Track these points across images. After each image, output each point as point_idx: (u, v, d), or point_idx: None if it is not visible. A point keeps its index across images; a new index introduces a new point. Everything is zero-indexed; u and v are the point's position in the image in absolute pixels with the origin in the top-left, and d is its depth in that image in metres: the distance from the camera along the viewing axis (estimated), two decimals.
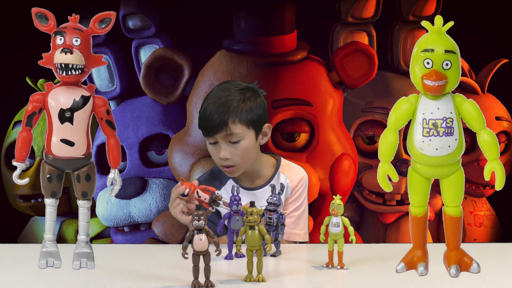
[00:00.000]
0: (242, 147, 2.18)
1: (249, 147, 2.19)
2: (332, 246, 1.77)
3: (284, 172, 2.28)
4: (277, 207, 1.90)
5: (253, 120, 2.19)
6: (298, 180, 2.27)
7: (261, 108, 2.22)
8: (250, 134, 2.19)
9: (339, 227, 1.76)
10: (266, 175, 2.28)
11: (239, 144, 2.18)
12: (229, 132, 2.16)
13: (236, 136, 2.17)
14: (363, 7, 3.27)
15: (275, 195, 1.91)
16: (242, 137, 2.18)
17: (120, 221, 3.15)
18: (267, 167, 2.29)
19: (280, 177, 2.27)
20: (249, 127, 2.18)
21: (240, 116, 2.16)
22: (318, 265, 1.81)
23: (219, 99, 2.18)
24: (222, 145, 2.18)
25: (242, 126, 2.17)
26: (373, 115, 3.31)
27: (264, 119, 2.24)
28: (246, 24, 3.04)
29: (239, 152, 2.18)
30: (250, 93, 2.21)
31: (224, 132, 2.16)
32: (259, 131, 2.22)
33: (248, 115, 2.17)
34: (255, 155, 2.24)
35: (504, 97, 3.47)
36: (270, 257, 1.92)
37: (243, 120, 2.17)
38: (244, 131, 2.18)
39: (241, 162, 2.19)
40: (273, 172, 2.28)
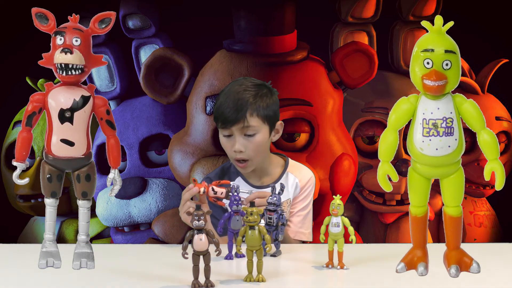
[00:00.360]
0: (256, 141, 2.21)
1: (263, 142, 2.22)
2: (332, 246, 1.77)
3: (293, 172, 2.30)
4: (277, 207, 1.90)
5: (269, 116, 2.22)
6: (307, 180, 2.30)
7: (276, 105, 2.26)
8: (265, 129, 2.22)
9: (339, 227, 1.76)
10: (274, 174, 2.30)
11: (254, 137, 2.21)
12: (246, 125, 2.19)
13: (252, 129, 2.20)
14: (363, 7, 3.27)
15: (275, 195, 1.91)
16: (258, 131, 2.21)
17: (120, 221, 3.15)
18: (275, 166, 2.32)
19: (289, 177, 2.29)
20: (264, 122, 2.21)
21: (257, 110, 2.19)
22: (318, 265, 1.81)
23: (237, 93, 2.21)
24: (237, 138, 2.20)
25: (258, 120, 2.20)
26: (373, 115, 3.31)
27: (278, 116, 2.27)
28: (246, 24, 3.04)
29: (253, 146, 2.20)
30: (266, 89, 2.25)
31: (241, 124, 2.19)
32: (273, 127, 2.25)
33: (265, 110, 2.21)
34: (267, 151, 2.27)
35: (504, 97, 3.47)
36: (270, 257, 1.92)
37: (260, 114, 2.20)
38: (260, 125, 2.21)
39: (254, 156, 2.22)
40: (281, 172, 2.30)
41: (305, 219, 2.28)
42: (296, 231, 2.25)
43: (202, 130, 2.99)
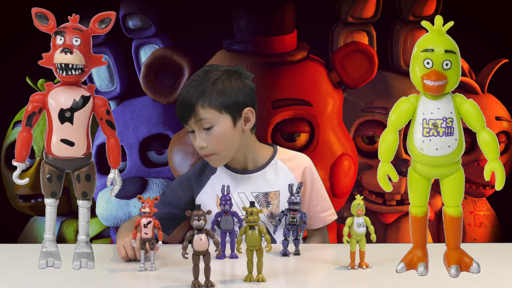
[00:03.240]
0: (215, 134, 2.06)
1: (225, 134, 2.06)
2: (355, 246, 1.75)
3: (285, 161, 2.19)
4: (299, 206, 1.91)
5: (226, 104, 2.05)
6: (302, 171, 2.18)
7: (240, 91, 2.08)
8: (225, 120, 2.06)
9: (364, 227, 1.75)
10: (260, 161, 2.19)
11: (212, 130, 2.06)
12: (198, 118, 2.05)
13: (207, 121, 2.05)
14: (363, 7, 3.27)
15: (297, 195, 1.91)
16: (214, 123, 2.05)
17: (120, 221, 3.15)
18: (262, 154, 2.20)
19: (279, 165, 2.18)
20: (221, 112, 2.05)
21: (209, 100, 2.04)
22: (317, 264, 1.81)
23: (190, 84, 2.09)
24: (197, 133, 2.07)
25: (212, 111, 2.05)
26: (373, 115, 3.31)
27: (243, 102, 2.09)
28: (246, 24, 3.04)
29: (213, 140, 2.06)
30: (226, 75, 2.08)
31: (193, 118, 2.05)
32: (237, 116, 2.08)
33: (219, 99, 2.04)
34: (236, 142, 2.11)
35: (504, 97, 3.47)
36: (294, 255, 1.92)
37: (212, 104, 2.04)
38: (215, 116, 2.05)
39: (219, 149, 2.08)
40: (268, 159, 2.19)
41: (322, 203, 2.19)
42: (322, 217, 2.19)
43: None
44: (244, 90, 2.10)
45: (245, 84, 2.12)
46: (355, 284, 1.69)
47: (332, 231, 3.07)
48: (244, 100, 2.10)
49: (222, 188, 1.88)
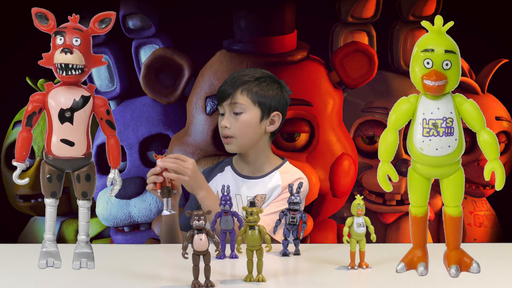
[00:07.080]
0: (242, 120, 2.22)
1: (250, 123, 2.22)
2: (355, 246, 1.76)
3: (282, 173, 2.27)
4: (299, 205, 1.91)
5: (260, 101, 2.23)
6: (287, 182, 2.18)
7: (276, 97, 2.26)
8: (254, 111, 2.23)
9: (364, 227, 1.75)
10: (265, 170, 2.30)
11: (240, 116, 2.22)
12: (233, 101, 2.21)
13: (239, 106, 2.22)
14: (363, 7, 3.27)
15: (297, 195, 1.91)
16: (245, 110, 2.22)
17: (120, 221, 3.15)
18: (270, 164, 2.30)
19: (275, 176, 2.27)
20: (254, 104, 2.22)
21: (249, 90, 2.22)
22: (317, 264, 1.81)
23: (238, 73, 2.28)
24: (227, 115, 2.23)
25: (247, 99, 2.22)
26: (373, 115, 3.31)
27: (275, 107, 2.26)
28: (246, 24, 3.04)
29: (239, 125, 2.22)
30: (270, 80, 2.27)
31: (229, 100, 2.22)
32: (265, 114, 2.25)
33: (258, 94, 2.22)
34: (256, 136, 2.25)
35: (504, 97, 3.48)
36: (294, 255, 1.92)
37: (250, 94, 2.22)
38: (248, 104, 2.22)
39: (239, 135, 2.23)
40: (272, 170, 2.29)
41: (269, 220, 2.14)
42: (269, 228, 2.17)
43: (202, 130, 2.99)
44: (281, 99, 2.28)
45: (283, 95, 2.29)
46: (355, 284, 1.69)
47: (332, 231, 3.08)
48: (277, 106, 2.27)
49: (222, 188, 1.90)
